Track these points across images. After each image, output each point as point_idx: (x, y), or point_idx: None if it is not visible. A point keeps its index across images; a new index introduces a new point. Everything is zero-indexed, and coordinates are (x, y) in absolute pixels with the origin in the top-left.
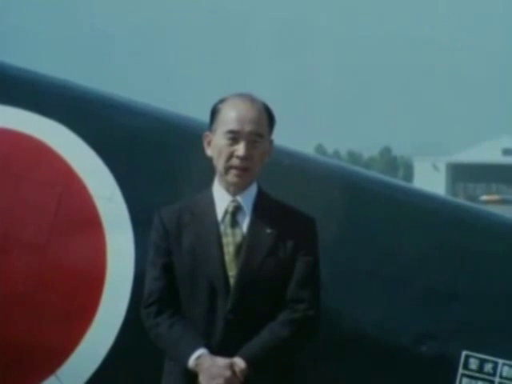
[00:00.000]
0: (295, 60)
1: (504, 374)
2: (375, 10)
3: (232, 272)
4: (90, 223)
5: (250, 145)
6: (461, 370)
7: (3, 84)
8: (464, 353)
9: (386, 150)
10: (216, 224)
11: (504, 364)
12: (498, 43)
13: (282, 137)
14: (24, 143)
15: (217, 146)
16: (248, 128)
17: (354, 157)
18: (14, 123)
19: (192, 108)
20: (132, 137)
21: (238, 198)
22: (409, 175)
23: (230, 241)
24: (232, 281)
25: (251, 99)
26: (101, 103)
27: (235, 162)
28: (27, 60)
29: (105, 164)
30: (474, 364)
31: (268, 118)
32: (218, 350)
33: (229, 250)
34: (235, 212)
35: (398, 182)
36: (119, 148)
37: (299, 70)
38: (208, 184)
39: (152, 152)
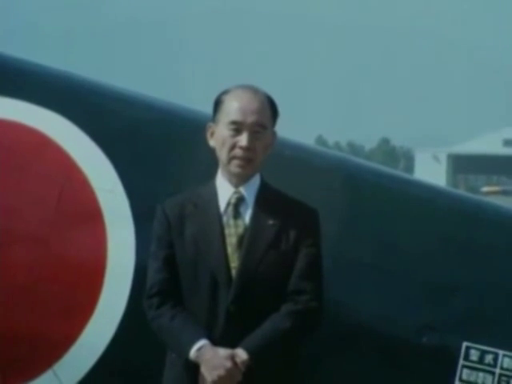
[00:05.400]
0: (295, 51)
1: (505, 366)
2: (375, 3)
3: (234, 263)
4: (91, 216)
5: (253, 136)
6: (461, 362)
7: (4, 76)
8: (465, 344)
9: (385, 141)
10: (218, 215)
11: (505, 355)
12: (498, 36)
13: (283, 128)
14: (25, 135)
15: (220, 137)
16: (251, 119)
17: (354, 148)
18: (16, 115)
19: (194, 101)
20: (133, 129)
21: (241, 189)
22: (410, 166)
23: (233, 232)
24: (234, 272)
25: (254, 90)
26: (102, 95)
27: (238, 152)
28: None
29: (106, 156)
30: (474, 355)
31: (271, 109)
32: (220, 341)
33: (231, 241)
34: (238, 203)
35: (399, 173)
36: (121, 140)
37: (300, 61)
38: (210, 176)
39: (154, 144)
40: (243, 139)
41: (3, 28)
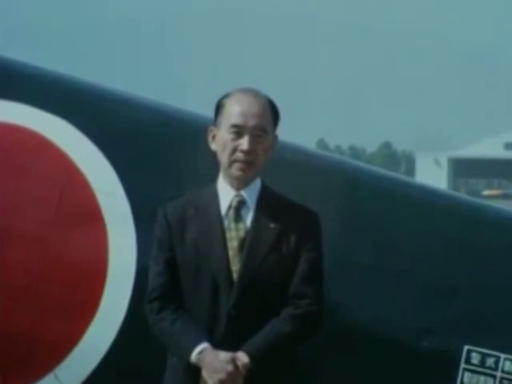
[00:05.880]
0: (297, 54)
1: (506, 369)
2: (376, 3)
3: (235, 267)
4: (91, 218)
5: (254, 139)
6: (463, 365)
7: (4, 78)
8: (466, 347)
9: (386, 145)
10: (220, 218)
11: (506, 358)
12: (501, 39)
13: (285, 132)
14: (26, 138)
15: (221, 141)
16: (252, 122)
17: (355, 152)
18: (16, 118)
19: (196, 103)
20: (134, 131)
21: (242, 192)
22: (411, 170)
23: (234, 235)
24: (235, 276)
25: (255, 94)
26: (102, 97)
27: (239, 156)
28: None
29: (107, 158)
30: (475, 359)
31: (272, 112)
32: (221, 344)
33: (232, 244)
34: (239, 207)
35: (399, 176)
36: (121, 142)
37: (301, 64)
38: (210, 179)
39: (154, 146)
40: (244, 143)
41: (3, 28)
